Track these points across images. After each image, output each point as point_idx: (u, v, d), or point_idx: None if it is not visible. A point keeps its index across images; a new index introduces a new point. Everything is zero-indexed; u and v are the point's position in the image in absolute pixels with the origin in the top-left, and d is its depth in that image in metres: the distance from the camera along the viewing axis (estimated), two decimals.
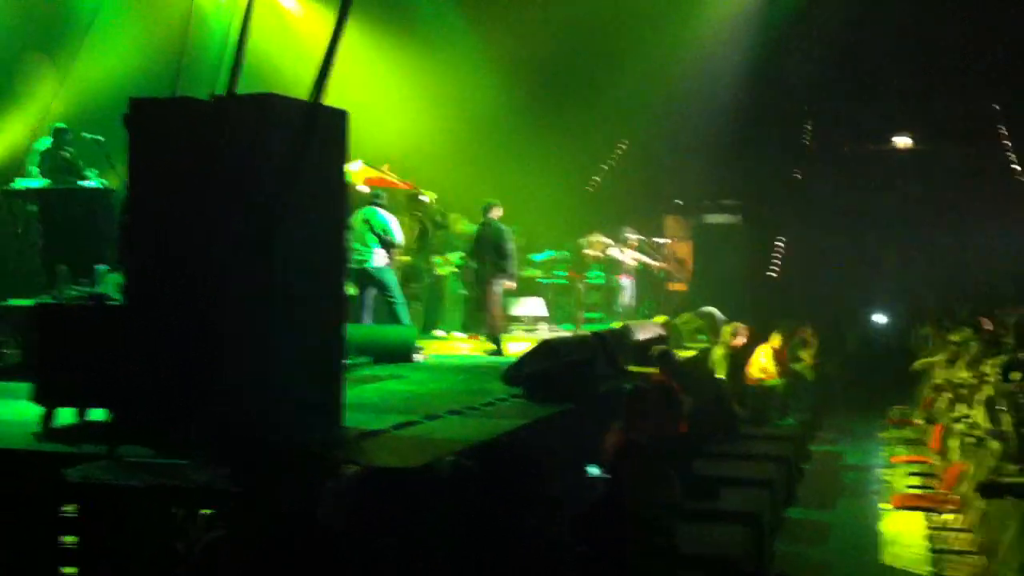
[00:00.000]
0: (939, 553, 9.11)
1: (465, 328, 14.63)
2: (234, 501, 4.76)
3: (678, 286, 20.15)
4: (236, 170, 5.74)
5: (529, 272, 16.86)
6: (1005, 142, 23.96)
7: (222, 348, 5.72)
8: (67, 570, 5.10)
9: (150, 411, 5.76)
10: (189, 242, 5.81)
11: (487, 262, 12.70)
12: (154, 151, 5.96)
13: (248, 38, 6.14)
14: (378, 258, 11.60)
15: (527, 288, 16.61)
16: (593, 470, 6.84)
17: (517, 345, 12.13)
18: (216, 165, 5.76)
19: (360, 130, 6.79)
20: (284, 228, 5.76)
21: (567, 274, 16.81)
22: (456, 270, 15.19)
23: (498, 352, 12.10)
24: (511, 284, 13.07)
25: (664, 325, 13.63)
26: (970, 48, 21.74)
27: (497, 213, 12.86)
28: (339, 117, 6.39)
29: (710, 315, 15.29)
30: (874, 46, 22.65)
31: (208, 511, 4.86)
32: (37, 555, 5.00)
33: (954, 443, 10.68)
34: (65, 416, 6.23)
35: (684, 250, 21.02)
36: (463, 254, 14.69)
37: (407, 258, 13.67)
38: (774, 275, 22.33)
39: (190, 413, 5.64)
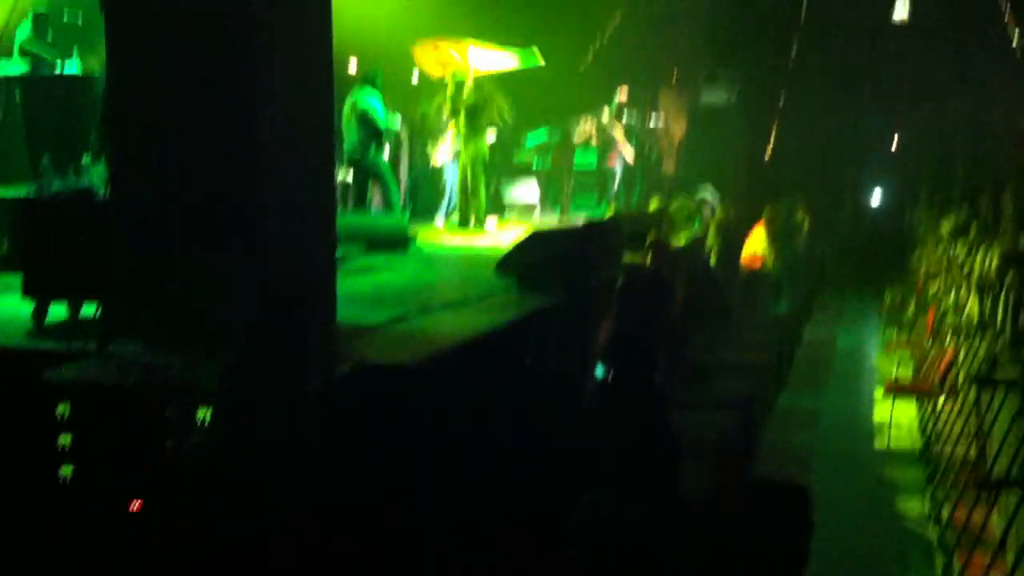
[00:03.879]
0: (929, 439, 9.21)
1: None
2: (223, 399, 4.73)
3: (671, 166, 19.92)
4: (214, 47, 5.52)
5: (523, 157, 16.55)
6: (1004, 16, 23.49)
7: (208, 242, 5.60)
8: (65, 470, 5.08)
9: (139, 307, 5.68)
10: (170, 131, 5.62)
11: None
12: (130, 32, 5.70)
13: None
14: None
15: (521, 173, 16.33)
16: (599, 370, 6.83)
17: (511, 233, 11.96)
18: (193, 44, 5.53)
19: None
20: (269, 108, 5.56)
21: (552, 158, 16.41)
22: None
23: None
24: None
25: (657, 212, 13.50)
26: None
27: None
28: None
29: (703, 202, 15.15)
30: None
31: (199, 410, 4.82)
32: (36, 456, 4.97)
33: (947, 329, 10.71)
34: (57, 312, 6.17)
35: (679, 129, 20.73)
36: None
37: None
38: (767, 156, 22.10)
39: (178, 309, 5.56)
